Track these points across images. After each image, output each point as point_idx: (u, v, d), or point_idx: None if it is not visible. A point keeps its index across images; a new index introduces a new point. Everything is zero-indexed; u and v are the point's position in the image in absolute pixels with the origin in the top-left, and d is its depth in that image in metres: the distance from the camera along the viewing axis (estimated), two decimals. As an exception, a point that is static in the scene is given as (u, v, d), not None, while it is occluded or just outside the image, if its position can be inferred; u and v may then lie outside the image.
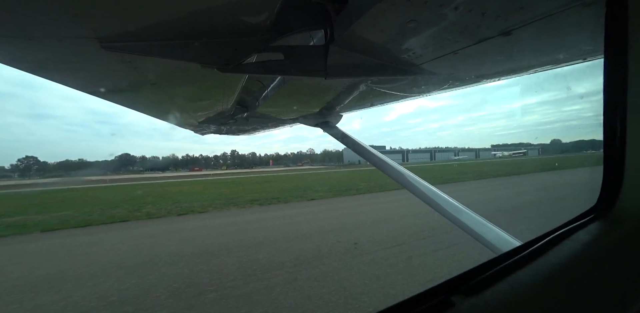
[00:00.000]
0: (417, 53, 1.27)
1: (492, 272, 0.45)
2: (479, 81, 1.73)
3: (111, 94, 1.64)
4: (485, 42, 1.10)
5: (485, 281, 0.43)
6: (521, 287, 0.42)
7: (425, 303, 0.38)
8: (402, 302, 0.39)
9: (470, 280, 0.43)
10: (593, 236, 0.56)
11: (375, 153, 2.67)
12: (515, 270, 0.46)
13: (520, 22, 0.92)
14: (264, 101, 2.43)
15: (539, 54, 1.30)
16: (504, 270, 0.46)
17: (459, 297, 0.39)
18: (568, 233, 0.58)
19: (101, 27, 0.84)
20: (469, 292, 0.40)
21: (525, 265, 0.47)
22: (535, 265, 0.47)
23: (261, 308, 3.30)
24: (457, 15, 0.92)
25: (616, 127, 0.59)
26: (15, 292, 4.17)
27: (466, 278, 0.44)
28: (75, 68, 1.18)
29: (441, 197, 1.92)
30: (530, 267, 0.47)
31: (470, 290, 0.40)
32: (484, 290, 0.40)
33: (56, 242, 6.82)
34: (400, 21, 0.98)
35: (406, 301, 0.40)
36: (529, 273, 0.45)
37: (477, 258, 4.24)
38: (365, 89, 1.96)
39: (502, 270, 0.46)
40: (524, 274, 0.45)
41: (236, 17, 0.93)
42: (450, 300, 0.38)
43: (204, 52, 1.07)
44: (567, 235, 0.58)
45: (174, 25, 0.93)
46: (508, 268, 0.46)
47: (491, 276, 0.44)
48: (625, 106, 0.57)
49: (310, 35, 1.39)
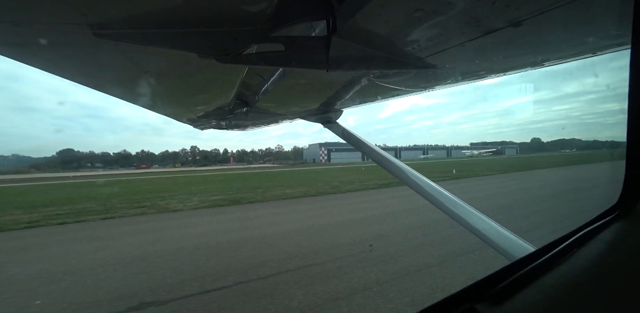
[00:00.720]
0: (423, 45, 1.23)
1: (517, 277, 0.42)
2: (484, 76, 1.69)
3: (104, 85, 1.60)
4: (494, 34, 1.06)
5: (511, 287, 0.40)
6: (551, 291, 0.39)
7: (449, 312, 0.36)
8: (424, 310, 0.37)
9: (494, 286, 0.40)
10: (618, 235, 0.54)
11: (376, 149, 2.64)
12: (543, 274, 0.43)
13: (532, 11, 0.88)
14: (264, 96, 2.38)
15: (548, 48, 1.25)
16: (530, 274, 0.43)
17: (486, 304, 0.37)
18: (593, 233, 0.55)
19: (92, 13, 0.80)
20: (495, 299, 0.37)
21: (552, 268, 0.44)
22: (563, 268, 0.45)
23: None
24: (466, 4, 0.88)
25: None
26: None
27: (491, 284, 0.41)
28: (66, 56, 1.14)
29: (440, 192, 1.90)
30: (558, 270, 0.44)
31: (497, 296, 0.38)
32: (512, 296, 0.38)
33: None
34: (406, 10, 0.94)
35: (428, 308, 0.37)
36: (558, 276, 0.43)
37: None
38: (367, 83, 1.92)
39: (528, 274, 0.43)
40: (552, 278, 0.42)
41: (235, 5, 0.89)
42: (475, 309, 0.36)
43: (201, 41, 1.03)
44: (592, 234, 0.55)
45: (171, 13, 0.89)
46: (534, 272, 0.44)
47: (517, 281, 0.41)
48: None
49: (311, 26, 1.35)
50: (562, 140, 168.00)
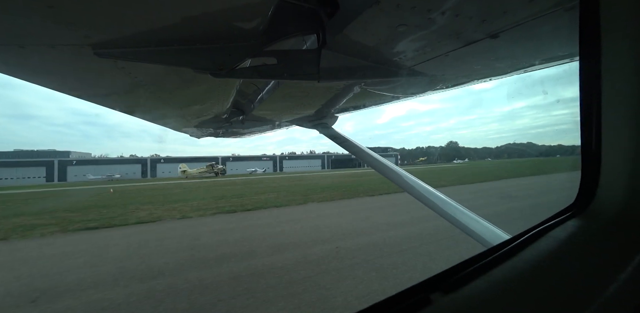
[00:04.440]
0: (409, 56, 1.29)
1: (472, 270, 0.46)
2: (469, 81, 1.76)
3: (106, 99, 1.64)
4: (474, 44, 1.12)
5: (465, 278, 0.44)
6: (498, 283, 0.44)
7: (404, 302, 0.40)
8: (382, 302, 0.41)
9: (450, 277, 0.45)
10: (569, 233, 0.58)
11: (372, 154, 2.69)
12: (494, 267, 0.47)
13: (505, 25, 0.95)
14: (259, 104, 2.44)
15: (523, 56, 1.33)
16: (483, 267, 0.48)
17: (439, 294, 0.41)
18: (546, 230, 0.60)
19: (94, 34, 0.84)
20: (448, 290, 0.42)
21: (503, 262, 0.49)
22: (513, 262, 0.49)
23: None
24: (445, 20, 0.94)
25: (592, 127, 0.61)
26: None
27: (447, 276, 0.46)
28: (69, 75, 1.18)
29: (436, 195, 1.95)
30: (507, 264, 0.48)
31: (450, 287, 0.42)
32: (462, 287, 0.42)
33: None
34: (391, 25, 1.01)
35: (386, 300, 0.41)
36: (506, 270, 0.47)
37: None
38: (359, 91, 1.98)
39: (482, 267, 0.47)
40: (502, 271, 0.47)
41: (230, 22, 0.95)
42: (429, 298, 0.40)
43: (197, 57, 1.08)
44: (544, 232, 0.60)
45: (167, 32, 0.94)
46: (487, 265, 0.48)
47: (471, 273, 0.46)
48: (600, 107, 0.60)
49: (303, 40, 1.41)
50: (512, 144, 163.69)
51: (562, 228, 0.60)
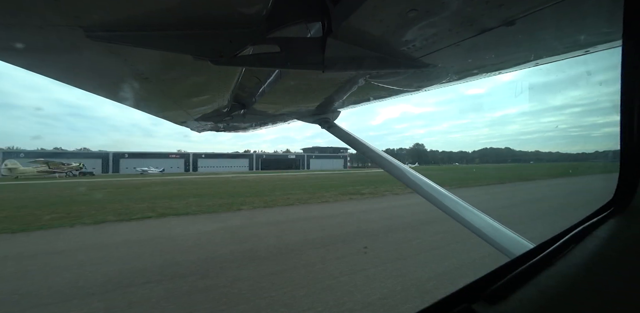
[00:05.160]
0: (417, 45, 1.23)
1: (514, 276, 0.42)
2: (479, 74, 1.70)
3: (97, 86, 1.59)
4: (488, 33, 1.07)
5: (507, 285, 0.40)
6: (548, 289, 0.39)
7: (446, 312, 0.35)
8: (421, 312, 0.36)
9: (490, 285, 0.40)
10: (614, 231, 0.54)
11: (375, 150, 2.64)
12: (539, 272, 0.43)
13: (525, 10, 0.89)
14: (261, 97, 2.38)
15: (541, 46, 1.26)
16: (526, 272, 0.43)
17: (482, 304, 0.36)
18: (588, 230, 0.56)
19: (85, 15, 0.79)
20: (492, 299, 0.37)
21: (548, 266, 0.44)
22: (560, 265, 0.44)
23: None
24: (460, 4, 0.88)
25: (634, 118, 0.56)
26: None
27: (486, 284, 0.41)
28: (58, 58, 1.13)
29: (444, 195, 1.90)
30: (554, 268, 0.44)
31: (493, 296, 0.37)
32: (508, 295, 0.38)
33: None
34: (400, 10, 0.95)
35: (425, 310, 0.36)
36: (554, 274, 0.42)
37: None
38: (363, 83, 1.92)
39: (524, 272, 0.43)
40: (549, 276, 0.42)
41: (231, 7, 0.89)
42: (472, 309, 0.35)
43: (196, 43, 1.03)
44: (588, 231, 0.55)
45: (165, 15, 0.88)
46: (530, 270, 0.43)
47: (513, 280, 0.41)
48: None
49: (307, 27, 1.35)
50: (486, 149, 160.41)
51: (607, 226, 0.55)
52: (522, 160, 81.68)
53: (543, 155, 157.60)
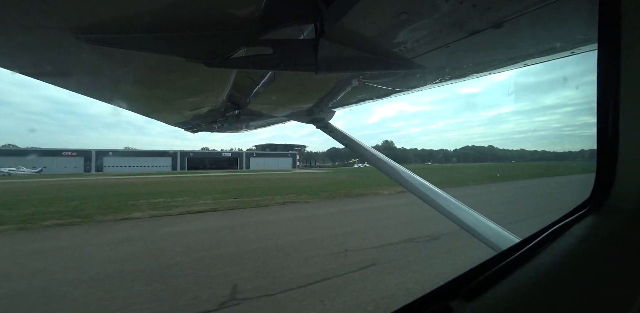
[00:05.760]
0: (409, 47, 1.25)
1: (491, 273, 0.43)
2: (471, 74, 1.73)
3: (88, 89, 1.56)
4: (477, 34, 1.08)
5: (484, 283, 0.41)
6: (522, 286, 0.40)
7: (423, 310, 0.37)
8: (398, 310, 0.38)
9: (468, 282, 0.42)
10: (589, 229, 0.55)
11: (370, 150, 2.66)
12: (514, 270, 0.44)
13: (511, 13, 0.91)
14: (255, 98, 2.38)
15: (529, 47, 1.29)
16: (503, 270, 0.44)
17: (459, 301, 0.38)
18: (564, 228, 0.57)
19: (74, 17, 0.78)
20: (468, 296, 0.38)
21: (524, 264, 0.46)
22: (535, 263, 0.46)
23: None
24: (449, 7, 0.90)
25: (609, 119, 0.58)
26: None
27: (465, 281, 0.42)
28: (47, 60, 1.11)
29: (439, 194, 1.93)
30: (529, 265, 0.45)
31: (470, 293, 0.39)
32: (484, 292, 0.39)
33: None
34: (392, 13, 0.96)
35: (402, 309, 0.38)
36: (529, 271, 0.44)
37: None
38: (357, 84, 1.93)
39: (501, 270, 0.44)
40: (524, 273, 0.44)
41: (223, 8, 0.89)
42: (449, 306, 0.37)
43: (188, 45, 1.03)
44: (563, 229, 0.57)
45: (156, 17, 0.88)
46: (507, 268, 0.45)
47: (490, 277, 0.42)
48: (619, 98, 0.56)
49: (300, 29, 1.36)
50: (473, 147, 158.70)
51: (581, 225, 0.57)
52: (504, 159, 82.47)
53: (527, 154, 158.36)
